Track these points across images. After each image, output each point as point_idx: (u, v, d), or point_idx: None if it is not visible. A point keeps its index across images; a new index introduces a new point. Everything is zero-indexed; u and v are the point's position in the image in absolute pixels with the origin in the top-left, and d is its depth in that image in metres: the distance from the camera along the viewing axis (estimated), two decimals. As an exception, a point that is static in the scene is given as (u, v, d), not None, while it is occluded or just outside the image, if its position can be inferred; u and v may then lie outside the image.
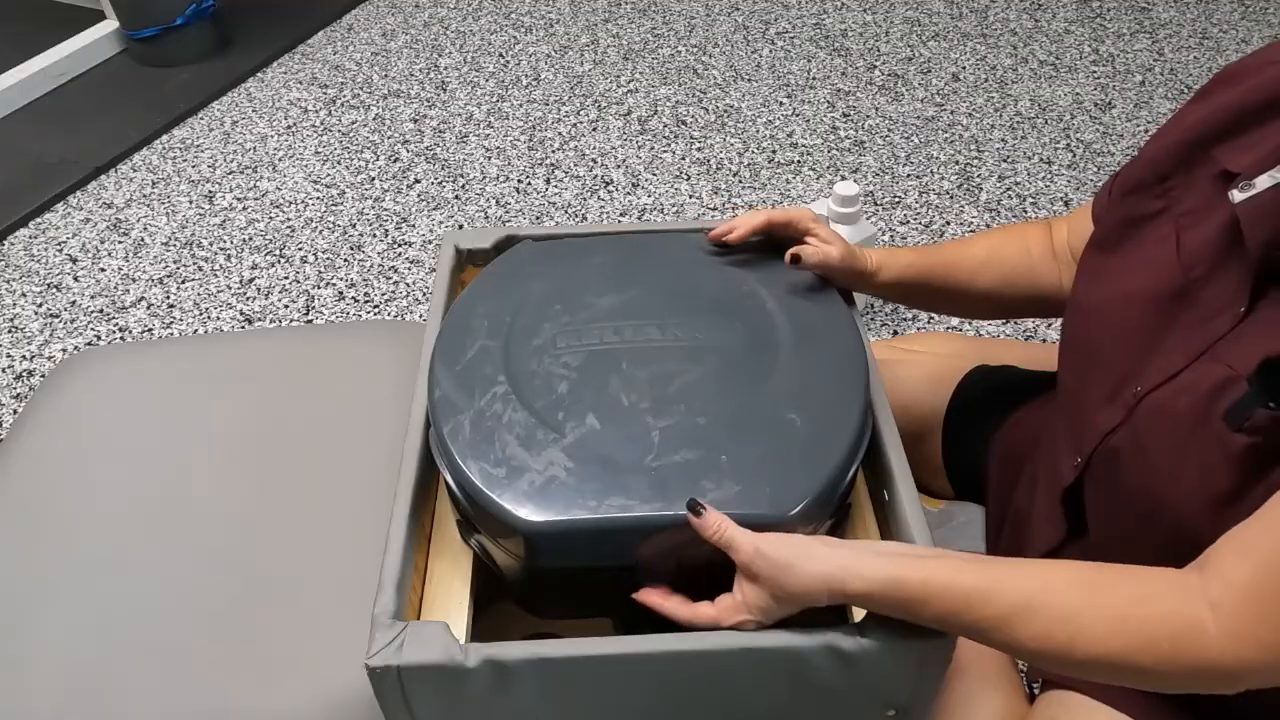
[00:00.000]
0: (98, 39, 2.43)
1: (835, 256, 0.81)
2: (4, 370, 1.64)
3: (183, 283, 1.81)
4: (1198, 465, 0.62)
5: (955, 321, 1.67)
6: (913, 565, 0.60)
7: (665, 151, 2.11)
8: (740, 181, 2.02)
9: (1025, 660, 0.60)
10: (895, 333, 1.66)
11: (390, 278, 1.80)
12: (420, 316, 1.73)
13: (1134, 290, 0.70)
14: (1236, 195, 0.63)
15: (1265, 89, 0.67)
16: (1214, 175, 0.67)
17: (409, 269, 1.82)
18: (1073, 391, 0.76)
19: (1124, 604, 0.57)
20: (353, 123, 2.23)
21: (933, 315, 1.68)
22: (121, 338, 1.70)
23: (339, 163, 2.11)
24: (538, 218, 1.94)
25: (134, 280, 1.82)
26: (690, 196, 1.98)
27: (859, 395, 0.75)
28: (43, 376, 1.61)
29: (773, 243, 0.85)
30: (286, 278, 1.81)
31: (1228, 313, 0.64)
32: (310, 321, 1.72)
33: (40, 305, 1.77)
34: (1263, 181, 0.62)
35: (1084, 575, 0.59)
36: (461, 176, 2.05)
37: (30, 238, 1.93)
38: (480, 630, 0.73)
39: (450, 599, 0.72)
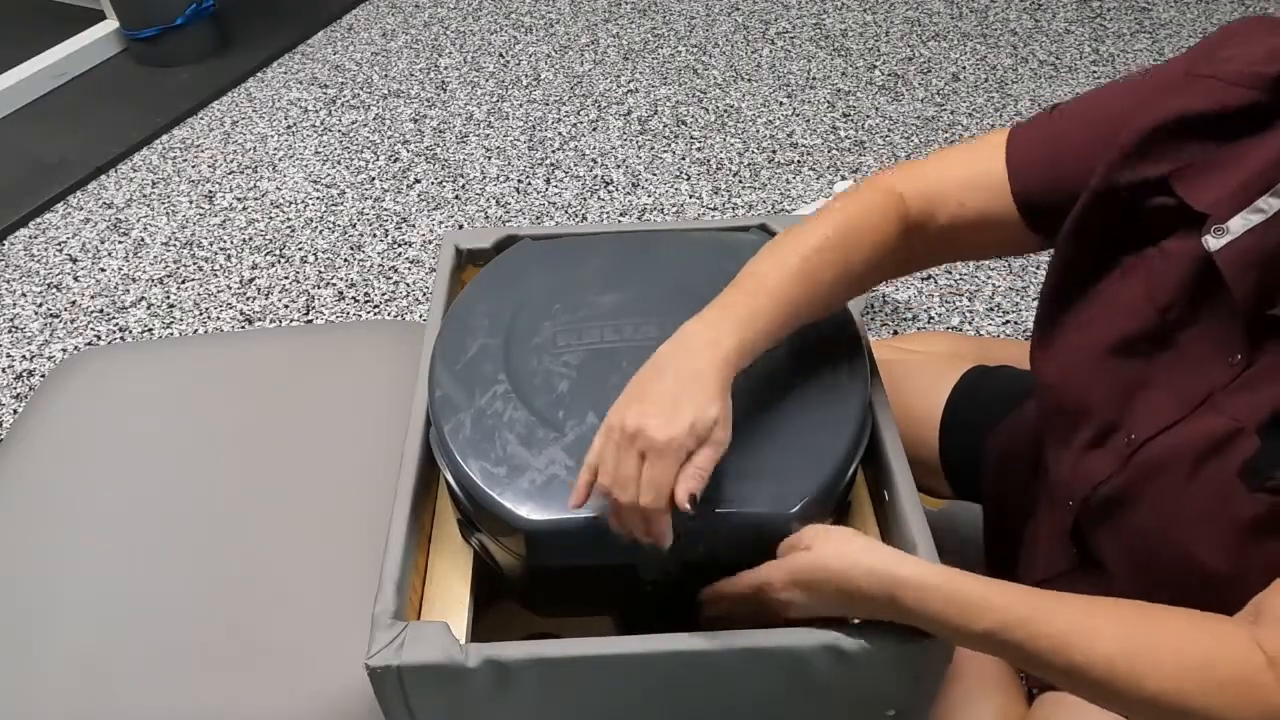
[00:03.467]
0: (98, 39, 2.43)
1: None
2: (4, 370, 1.64)
3: (183, 283, 1.81)
4: (1210, 519, 0.60)
5: (955, 321, 1.67)
6: (964, 574, 0.60)
7: (665, 151, 2.11)
8: (740, 181, 2.01)
9: (1077, 691, 0.58)
10: (895, 332, 1.66)
11: (390, 278, 1.80)
12: (420, 316, 1.72)
13: (1104, 331, 0.67)
14: (1211, 243, 0.59)
15: (1214, 113, 0.62)
16: (1167, 203, 0.63)
17: (409, 269, 1.82)
18: (1053, 434, 0.74)
19: (1183, 646, 0.55)
20: (353, 123, 2.23)
21: (932, 315, 1.68)
22: (121, 338, 1.70)
23: (339, 163, 2.11)
24: (538, 218, 1.94)
25: (134, 280, 1.82)
26: (690, 196, 1.98)
27: (859, 394, 0.75)
28: (43, 376, 1.61)
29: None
30: (286, 278, 1.81)
31: (1221, 361, 0.61)
32: (310, 321, 1.72)
33: (40, 305, 1.77)
34: (1237, 225, 0.59)
35: (1139, 611, 0.57)
36: (461, 176, 2.05)
37: (30, 238, 1.93)
38: (480, 630, 0.73)
39: (450, 599, 0.72)
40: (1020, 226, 0.71)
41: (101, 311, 1.75)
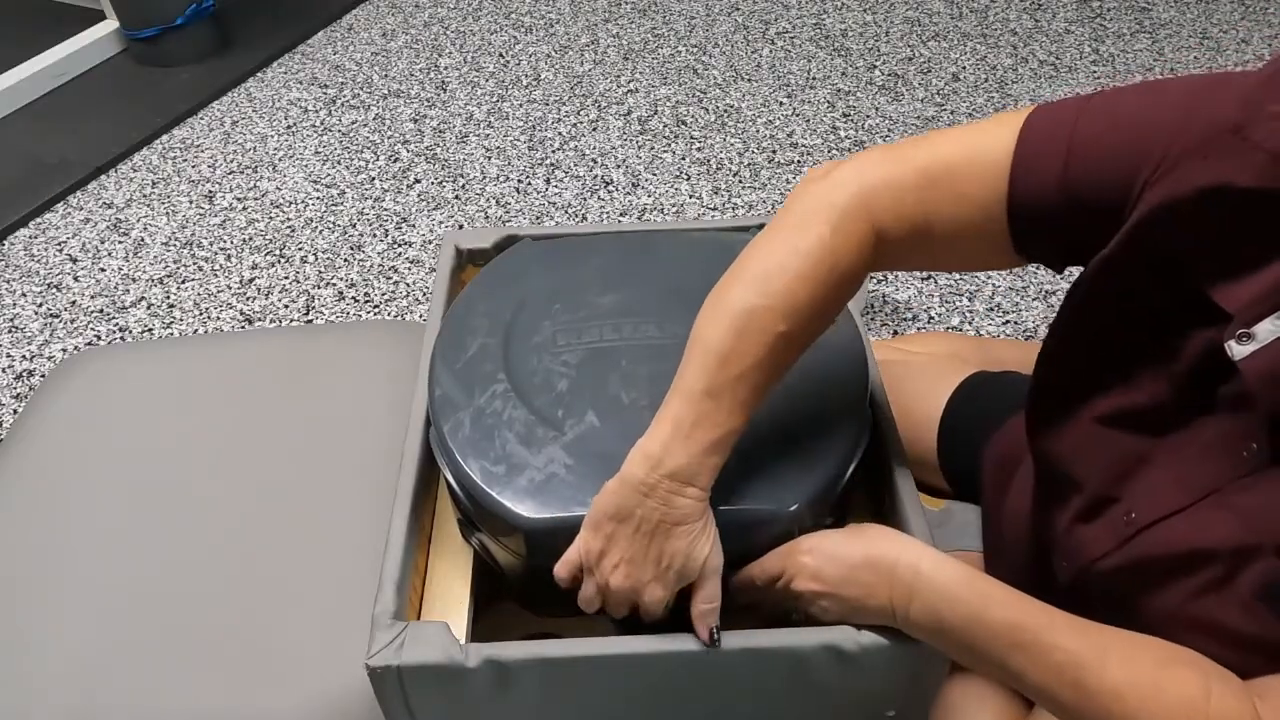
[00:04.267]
0: (98, 39, 2.43)
1: None
2: (4, 370, 1.64)
3: (183, 283, 1.81)
4: (1219, 629, 0.57)
5: (955, 321, 1.67)
6: (989, 584, 0.60)
7: (665, 151, 2.11)
8: (740, 181, 2.01)
9: (1066, 713, 0.57)
10: (895, 333, 1.66)
11: (390, 278, 1.80)
12: (420, 316, 1.72)
13: (1110, 399, 0.63)
14: (1235, 349, 0.54)
15: (1242, 179, 0.53)
16: (1191, 293, 0.57)
17: (409, 269, 1.82)
18: (1045, 495, 0.71)
19: (1187, 691, 0.54)
20: (353, 123, 2.23)
21: (932, 315, 1.68)
22: (121, 338, 1.69)
23: (339, 163, 2.11)
24: (538, 218, 1.94)
25: (134, 280, 1.82)
26: (690, 196, 1.98)
27: (859, 394, 0.75)
28: (43, 376, 1.61)
29: None
30: (286, 278, 1.81)
31: (1234, 450, 0.57)
32: (310, 321, 1.72)
33: (40, 305, 1.77)
34: (1265, 331, 0.53)
35: (1149, 648, 0.57)
36: (461, 176, 2.05)
37: (30, 238, 1.93)
38: (480, 630, 0.73)
39: (450, 599, 0.72)
40: (1004, 239, 0.63)
41: (101, 311, 1.75)
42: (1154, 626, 0.60)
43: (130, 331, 1.71)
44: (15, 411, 1.56)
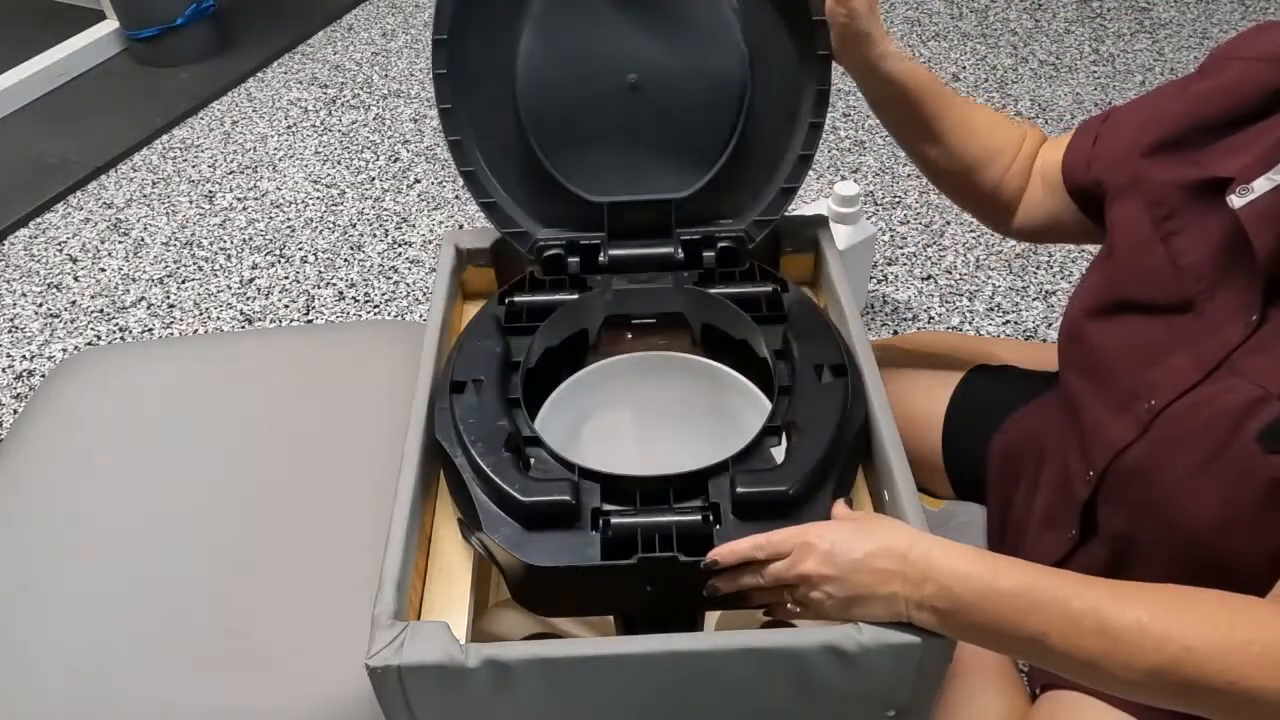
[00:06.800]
0: (98, 39, 2.43)
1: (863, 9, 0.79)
2: (4, 370, 1.64)
3: (183, 283, 1.81)
4: (1224, 485, 0.61)
5: (955, 321, 1.67)
6: (997, 557, 0.61)
7: (665, 151, 2.11)
8: (740, 181, 2.01)
9: (1090, 667, 0.58)
10: (895, 332, 1.66)
11: (390, 278, 1.80)
12: (420, 316, 1.73)
13: (1133, 301, 0.70)
14: (1236, 201, 0.62)
15: (1238, 93, 0.67)
16: (1195, 179, 0.67)
17: (409, 269, 1.82)
18: (1078, 403, 0.76)
19: (1211, 612, 0.55)
20: (353, 123, 2.23)
21: (932, 315, 1.68)
22: (121, 338, 1.70)
23: (339, 163, 2.11)
24: (538, 218, 1.94)
25: (134, 280, 1.82)
26: (690, 196, 1.98)
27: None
28: (43, 376, 1.61)
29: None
30: (286, 278, 1.81)
31: (1237, 321, 0.63)
32: (310, 321, 1.72)
33: (40, 305, 1.77)
34: (1261, 185, 0.62)
35: (1166, 586, 0.58)
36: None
37: (30, 238, 1.93)
38: (480, 630, 0.73)
39: (450, 599, 0.72)
40: (1078, 212, 0.80)
41: (101, 311, 1.75)
42: (1167, 516, 0.65)
43: (130, 331, 1.71)
44: (15, 411, 1.56)
